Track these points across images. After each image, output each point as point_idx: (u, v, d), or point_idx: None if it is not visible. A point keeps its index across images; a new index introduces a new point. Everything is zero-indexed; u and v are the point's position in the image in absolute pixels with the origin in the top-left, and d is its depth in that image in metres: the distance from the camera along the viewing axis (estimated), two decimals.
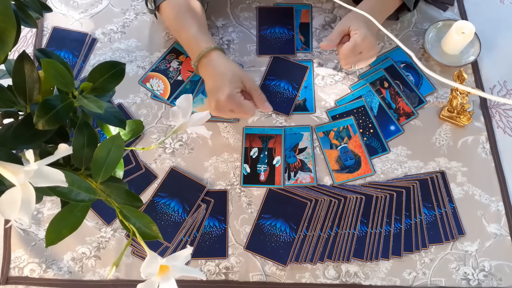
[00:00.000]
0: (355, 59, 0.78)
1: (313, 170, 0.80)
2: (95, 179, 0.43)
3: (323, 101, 0.86)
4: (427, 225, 0.76)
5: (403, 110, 0.85)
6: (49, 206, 0.79)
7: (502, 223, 0.76)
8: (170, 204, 0.78)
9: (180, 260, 0.43)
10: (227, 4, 0.97)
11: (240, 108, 0.74)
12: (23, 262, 0.75)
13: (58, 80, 0.41)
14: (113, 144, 0.43)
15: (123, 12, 0.96)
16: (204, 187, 0.79)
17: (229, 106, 0.74)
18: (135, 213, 0.43)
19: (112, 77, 0.45)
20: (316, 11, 0.96)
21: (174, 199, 0.78)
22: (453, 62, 0.87)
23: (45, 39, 0.93)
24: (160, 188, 0.79)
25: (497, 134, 0.83)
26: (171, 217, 0.77)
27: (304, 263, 0.74)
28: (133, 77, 0.89)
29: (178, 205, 0.78)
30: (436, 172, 0.80)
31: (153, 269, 0.41)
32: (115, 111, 0.46)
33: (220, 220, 0.77)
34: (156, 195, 0.79)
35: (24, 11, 0.47)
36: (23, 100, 0.44)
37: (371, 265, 0.74)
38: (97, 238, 0.76)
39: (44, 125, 0.40)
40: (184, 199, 0.78)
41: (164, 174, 0.80)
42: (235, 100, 0.73)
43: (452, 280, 0.73)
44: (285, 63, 0.90)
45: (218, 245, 0.75)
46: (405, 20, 0.94)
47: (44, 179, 0.35)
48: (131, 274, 0.74)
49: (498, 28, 0.92)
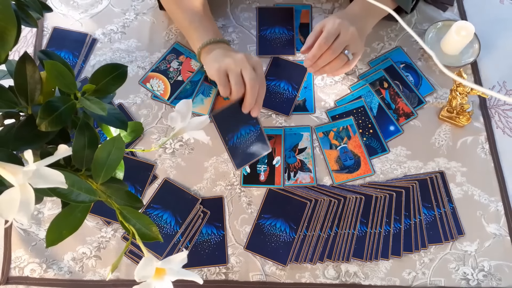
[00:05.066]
0: (331, 54, 0.74)
1: (312, 170, 0.80)
2: (95, 180, 0.43)
3: (322, 102, 0.87)
4: (427, 225, 0.76)
5: (403, 111, 0.85)
6: (49, 206, 0.79)
7: (502, 223, 0.76)
8: (162, 216, 0.77)
9: (175, 263, 0.43)
10: (227, 4, 0.97)
11: (238, 79, 0.71)
12: (23, 262, 0.75)
13: (61, 82, 0.41)
14: (113, 145, 0.43)
15: (123, 12, 0.96)
16: (198, 199, 0.78)
17: (238, 66, 0.71)
18: (135, 214, 0.43)
19: (114, 79, 0.45)
20: (316, 12, 0.96)
21: (167, 211, 0.78)
22: (452, 63, 0.87)
23: (45, 39, 0.93)
24: (153, 200, 0.79)
25: (496, 135, 0.83)
26: (163, 229, 0.76)
27: (304, 263, 0.74)
28: (133, 78, 0.89)
29: (170, 217, 0.77)
30: (436, 172, 0.80)
31: (148, 272, 0.41)
32: (116, 112, 0.46)
33: (217, 227, 0.77)
34: (149, 207, 0.78)
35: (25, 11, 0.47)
36: (24, 101, 0.44)
37: (370, 265, 0.74)
38: (98, 238, 0.77)
39: (47, 126, 0.40)
40: (176, 212, 0.77)
41: (162, 179, 0.80)
42: (249, 61, 0.72)
43: (452, 280, 0.73)
44: (285, 63, 0.90)
45: (217, 252, 0.75)
46: (405, 20, 0.93)
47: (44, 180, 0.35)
48: (132, 274, 0.74)
49: (497, 29, 0.92)
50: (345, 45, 0.76)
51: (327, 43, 0.74)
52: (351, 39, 0.75)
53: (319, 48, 0.74)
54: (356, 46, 0.77)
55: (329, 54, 0.75)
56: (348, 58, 0.77)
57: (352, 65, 0.79)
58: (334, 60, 0.76)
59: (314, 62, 0.76)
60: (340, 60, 0.77)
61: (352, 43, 0.76)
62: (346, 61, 0.77)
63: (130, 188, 0.77)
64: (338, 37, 0.75)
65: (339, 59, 0.76)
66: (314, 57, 0.75)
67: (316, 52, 0.74)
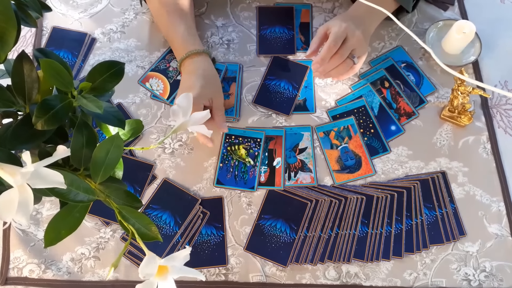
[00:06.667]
0: (339, 58, 0.75)
1: (313, 170, 0.80)
2: (94, 180, 0.42)
3: (323, 101, 0.86)
4: (428, 225, 0.76)
5: (404, 110, 0.85)
6: (48, 207, 0.78)
7: (503, 223, 0.76)
8: (161, 216, 0.77)
9: (178, 260, 0.43)
10: (227, 4, 0.96)
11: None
12: (22, 263, 0.75)
13: (57, 80, 0.41)
14: (112, 144, 0.42)
15: (122, 12, 0.96)
16: (197, 200, 0.78)
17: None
18: (134, 213, 0.43)
19: (111, 76, 0.45)
20: (316, 11, 0.96)
21: (166, 212, 0.77)
22: (453, 62, 0.87)
23: (45, 39, 0.93)
24: (152, 200, 0.78)
25: (498, 134, 0.83)
26: (162, 229, 0.76)
27: (305, 263, 0.74)
28: (132, 77, 0.88)
29: (169, 218, 0.77)
30: (437, 172, 0.80)
31: (151, 269, 0.41)
32: (114, 111, 0.46)
33: (217, 227, 0.77)
34: (148, 207, 0.78)
35: (24, 11, 0.47)
36: (22, 100, 0.43)
37: (371, 266, 0.74)
38: (96, 239, 0.76)
39: (43, 125, 0.40)
40: (176, 212, 0.77)
41: (161, 179, 0.79)
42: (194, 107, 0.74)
43: (453, 281, 0.73)
44: (285, 63, 0.90)
45: (217, 253, 0.75)
46: (406, 20, 0.94)
47: (42, 180, 0.35)
48: (130, 275, 0.74)
49: (498, 28, 0.92)
50: (352, 49, 0.76)
51: (336, 46, 0.74)
52: (357, 43, 0.76)
53: (328, 51, 0.74)
54: (361, 49, 0.78)
55: (337, 58, 0.75)
56: (354, 62, 0.77)
57: (357, 69, 0.79)
58: (341, 64, 0.76)
59: (323, 66, 0.76)
60: (346, 64, 0.77)
61: (358, 47, 0.77)
62: (352, 65, 0.78)
63: (129, 188, 0.76)
64: (345, 41, 0.75)
65: (345, 63, 0.77)
66: (323, 61, 0.75)
67: (325, 55, 0.74)
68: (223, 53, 0.91)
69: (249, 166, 0.80)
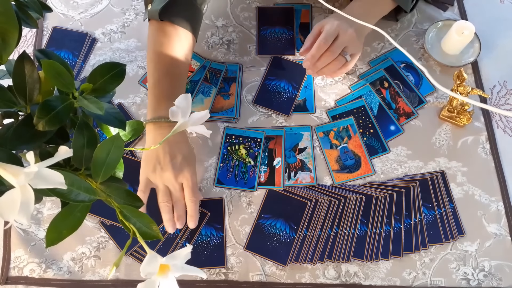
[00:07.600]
0: (330, 55, 0.75)
1: (313, 170, 0.80)
2: (95, 179, 0.43)
3: (323, 101, 0.86)
4: (427, 225, 0.76)
5: (403, 110, 0.85)
6: (49, 206, 0.79)
7: (502, 223, 0.76)
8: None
9: (180, 259, 0.43)
10: (227, 4, 0.97)
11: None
12: (23, 262, 0.75)
13: (59, 81, 0.41)
14: (112, 144, 0.43)
15: (123, 12, 0.96)
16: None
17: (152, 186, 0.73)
18: (135, 213, 0.43)
19: (112, 78, 0.45)
20: (316, 11, 0.96)
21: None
22: (453, 62, 0.87)
23: (45, 39, 0.93)
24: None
25: (497, 134, 0.83)
26: (162, 230, 0.76)
27: (304, 263, 0.74)
28: (133, 77, 0.89)
29: None
30: (436, 172, 0.80)
31: (153, 268, 0.41)
32: (115, 112, 0.46)
33: (217, 228, 0.77)
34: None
35: (25, 11, 0.47)
36: (23, 100, 0.44)
37: (371, 265, 0.74)
38: (97, 238, 0.76)
39: (44, 126, 0.40)
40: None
41: None
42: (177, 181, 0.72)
43: (452, 280, 0.73)
44: (285, 63, 0.90)
45: (216, 254, 0.75)
46: (405, 20, 0.94)
47: (44, 181, 0.35)
48: (131, 274, 0.74)
49: (498, 28, 0.92)
50: (344, 46, 0.76)
51: (326, 43, 0.74)
52: (349, 40, 0.76)
53: (318, 49, 0.74)
54: (354, 47, 0.78)
55: (328, 56, 0.75)
56: (346, 59, 0.77)
57: (350, 67, 0.79)
58: (333, 61, 0.77)
59: (313, 63, 0.76)
60: (338, 62, 0.77)
61: (350, 44, 0.76)
62: (344, 63, 0.78)
63: (129, 188, 0.76)
64: (337, 38, 0.75)
65: (338, 61, 0.77)
66: (313, 58, 0.75)
67: (315, 52, 0.75)
68: (223, 53, 0.91)
69: (249, 166, 0.80)
